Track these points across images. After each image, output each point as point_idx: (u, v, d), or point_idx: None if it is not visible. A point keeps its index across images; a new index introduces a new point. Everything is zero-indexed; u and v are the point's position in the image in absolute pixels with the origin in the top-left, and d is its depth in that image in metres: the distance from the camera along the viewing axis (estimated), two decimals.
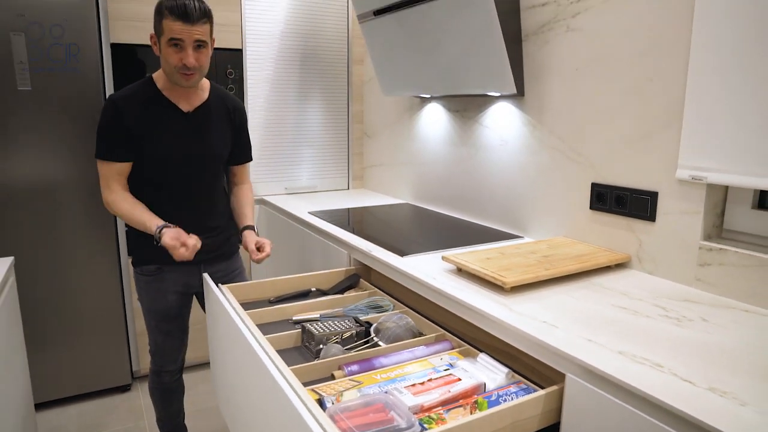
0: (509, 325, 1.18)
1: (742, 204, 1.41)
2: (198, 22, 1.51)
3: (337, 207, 2.56)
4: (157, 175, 1.65)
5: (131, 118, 1.58)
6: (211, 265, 1.81)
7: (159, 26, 1.53)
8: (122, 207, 1.61)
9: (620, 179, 1.60)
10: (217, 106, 1.74)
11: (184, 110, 1.66)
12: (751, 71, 1.24)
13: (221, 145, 1.75)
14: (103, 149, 1.60)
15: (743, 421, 0.81)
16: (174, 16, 1.48)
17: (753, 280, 1.30)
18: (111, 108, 1.58)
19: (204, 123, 1.70)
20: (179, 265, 1.73)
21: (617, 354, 1.03)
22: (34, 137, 2.24)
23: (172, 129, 1.64)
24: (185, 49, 1.52)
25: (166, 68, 1.57)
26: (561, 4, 1.72)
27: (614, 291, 1.39)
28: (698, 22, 1.33)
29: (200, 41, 1.54)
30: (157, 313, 1.79)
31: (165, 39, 1.52)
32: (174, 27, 1.49)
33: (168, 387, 1.94)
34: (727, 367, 0.99)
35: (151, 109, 1.62)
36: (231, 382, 1.47)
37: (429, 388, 1.13)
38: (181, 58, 1.53)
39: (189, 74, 1.56)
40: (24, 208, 2.27)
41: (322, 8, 2.83)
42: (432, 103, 2.45)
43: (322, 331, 1.40)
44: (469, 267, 1.47)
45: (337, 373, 1.23)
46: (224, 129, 1.75)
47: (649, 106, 1.49)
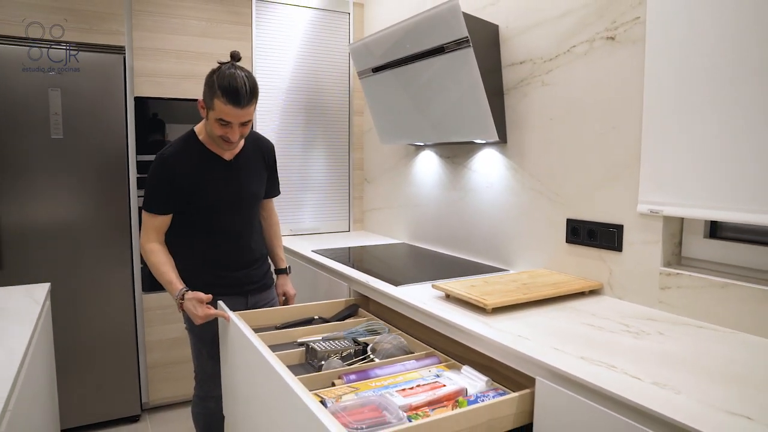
0: (488, 339, 1.35)
1: (696, 234, 1.60)
2: (247, 105, 1.63)
3: (338, 246, 2.74)
4: (204, 219, 1.81)
5: (181, 174, 1.73)
6: (254, 295, 1.97)
7: (210, 101, 1.64)
8: (153, 259, 1.76)
9: (591, 215, 1.79)
10: (253, 150, 1.91)
11: (227, 159, 1.83)
12: (696, 119, 1.45)
13: (259, 185, 1.93)
14: (150, 203, 1.76)
15: (674, 405, 0.97)
16: (226, 99, 1.59)
17: (706, 300, 1.47)
18: (162, 166, 1.74)
19: (244, 168, 1.87)
20: (230, 296, 1.87)
21: (579, 359, 1.20)
22: (64, 180, 2.45)
23: (217, 177, 1.80)
24: (232, 127, 1.66)
25: (212, 135, 1.73)
26: (536, 63, 1.96)
27: (585, 312, 1.56)
28: (648, 79, 1.56)
29: (246, 121, 1.69)
30: (209, 340, 1.91)
31: (214, 115, 1.64)
32: (225, 109, 1.61)
33: (212, 413, 2.02)
34: (671, 368, 1.15)
35: (198, 162, 1.77)
36: (243, 392, 1.61)
37: (417, 392, 1.28)
38: (226, 132, 1.67)
39: (230, 144, 1.74)
40: (47, 244, 2.45)
41: (325, 65, 3.10)
42: (425, 150, 2.68)
43: (323, 348, 1.56)
44: (456, 292, 1.64)
45: (337, 381, 1.39)
46: (260, 170, 1.94)
47: (613, 150, 1.70)
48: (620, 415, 1.03)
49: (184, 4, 2.68)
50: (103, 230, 2.56)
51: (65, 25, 2.40)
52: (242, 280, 1.92)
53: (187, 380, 2.85)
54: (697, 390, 1.03)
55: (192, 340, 1.96)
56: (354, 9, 3.15)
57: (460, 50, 1.91)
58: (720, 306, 1.43)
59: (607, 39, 1.69)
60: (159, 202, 1.76)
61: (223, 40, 2.78)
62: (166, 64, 2.66)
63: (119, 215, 2.60)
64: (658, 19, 1.52)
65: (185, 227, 1.82)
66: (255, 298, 1.98)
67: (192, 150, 1.79)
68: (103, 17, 2.48)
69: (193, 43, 2.71)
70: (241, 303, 1.94)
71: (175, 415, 2.82)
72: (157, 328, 2.76)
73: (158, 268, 1.76)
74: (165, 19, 2.64)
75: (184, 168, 1.75)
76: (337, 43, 3.13)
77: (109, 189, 2.56)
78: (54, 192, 2.44)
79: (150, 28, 2.61)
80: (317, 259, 2.40)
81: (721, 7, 1.37)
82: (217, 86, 1.60)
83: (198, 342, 1.94)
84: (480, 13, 2.15)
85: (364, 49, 2.44)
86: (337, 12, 3.11)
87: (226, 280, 1.88)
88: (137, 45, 2.59)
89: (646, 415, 0.98)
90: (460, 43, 1.90)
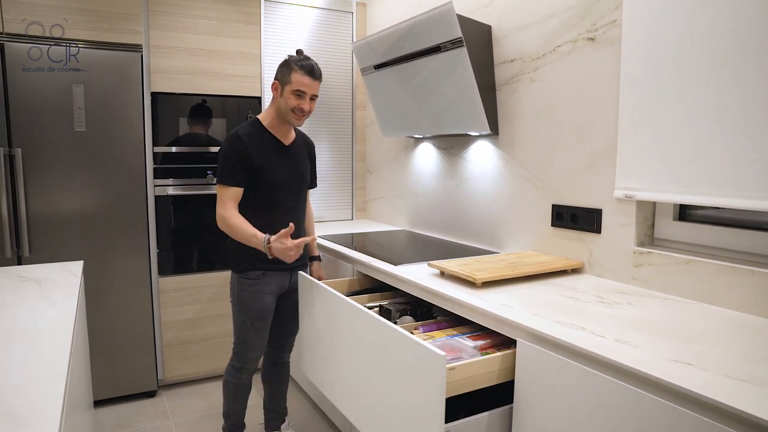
0: (477, 307, 1.53)
1: (666, 216, 1.77)
2: (318, 80, 2.00)
3: (342, 232, 2.92)
4: (266, 195, 2.03)
5: (253, 151, 1.99)
6: (296, 271, 2.20)
7: (287, 77, 1.97)
8: (235, 221, 1.94)
9: (574, 200, 1.96)
10: (302, 143, 2.20)
11: (285, 144, 2.10)
12: (666, 113, 1.62)
13: (307, 171, 2.20)
14: (226, 176, 1.98)
15: (629, 356, 1.14)
16: (303, 72, 1.96)
17: (672, 275, 1.64)
18: (237, 142, 1.98)
19: (298, 154, 2.15)
20: (278, 270, 2.10)
21: (554, 322, 1.37)
22: (86, 170, 2.63)
23: (280, 159, 2.07)
24: (305, 98, 1.98)
25: (284, 108, 2.00)
26: (525, 61, 2.12)
27: (565, 287, 1.73)
28: (623, 76, 1.72)
29: (315, 95, 2.01)
30: (256, 312, 2.10)
31: (291, 88, 1.97)
32: (303, 80, 1.96)
33: (243, 384, 2.22)
34: (633, 330, 1.32)
35: (264, 143, 2.04)
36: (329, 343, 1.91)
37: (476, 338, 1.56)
38: (299, 104, 1.98)
39: (301, 116, 2.01)
40: (71, 231, 2.63)
41: (329, 62, 3.27)
42: (424, 142, 2.85)
43: (396, 308, 1.87)
44: (449, 269, 1.82)
45: (415, 332, 1.65)
46: (307, 159, 2.21)
47: (593, 142, 1.87)
48: (587, 367, 1.20)
49: (197, 5, 2.85)
50: (122, 217, 2.74)
51: (87, 26, 2.57)
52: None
53: (201, 359, 3.04)
54: (651, 345, 1.21)
55: (237, 312, 2.13)
56: (357, 8, 3.31)
57: (455, 49, 2.08)
58: (683, 280, 1.60)
59: (588, 40, 1.85)
60: (234, 174, 1.98)
61: (234, 39, 2.95)
62: (180, 61, 2.83)
63: (137, 203, 2.77)
64: (633, 22, 1.69)
65: (248, 205, 2.02)
66: (296, 276, 2.19)
67: (259, 132, 2.05)
68: (122, 18, 2.65)
69: (206, 41, 2.88)
70: (286, 278, 2.16)
71: (189, 391, 3.01)
72: (172, 309, 2.94)
73: (240, 227, 1.93)
74: (179, 18, 2.81)
75: (253, 146, 2.00)
76: (341, 41, 3.30)
77: (128, 178, 2.73)
78: (77, 181, 2.62)
79: (165, 28, 2.78)
80: (324, 244, 2.57)
81: (688, 13, 1.53)
82: (295, 64, 1.97)
83: (243, 314, 2.11)
84: (474, 14, 2.32)
85: (366, 48, 2.60)
86: (341, 11, 3.27)
87: None
88: (153, 43, 2.76)
89: (606, 364, 1.16)
90: (455, 43, 2.07)
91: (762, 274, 1.42)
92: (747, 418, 0.90)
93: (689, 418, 0.99)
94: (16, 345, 1.18)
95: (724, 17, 1.44)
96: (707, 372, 1.06)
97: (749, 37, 1.39)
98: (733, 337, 1.27)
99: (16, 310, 1.42)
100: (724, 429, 0.94)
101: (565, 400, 1.26)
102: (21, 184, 2.49)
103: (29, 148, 2.50)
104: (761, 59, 1.37)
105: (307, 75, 1.96)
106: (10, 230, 2.50)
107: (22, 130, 2.48)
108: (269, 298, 2.11)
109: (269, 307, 2.12)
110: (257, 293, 2.08)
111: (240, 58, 2.99)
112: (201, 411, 2.78)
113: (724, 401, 0.94)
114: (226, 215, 1.97)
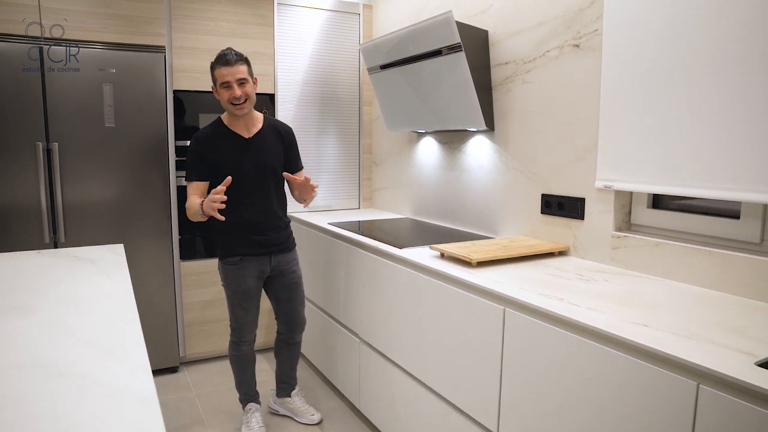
0: (471, 283, 1.76)
1: (641, 204, 1.99)
2: (236, 64, 2.14)
3: (350, 220, 3.14)
4: (232, 188, 2.11)
5: (209, 148, 2.21)
6: (277, 255, 2.40)
7: (213, 76, 2.18)
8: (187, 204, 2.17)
9: (561, 190, 2.18)
10: (270, 132, 2.36)
11: (245, 137, 2.28)
12: (641, 112, 1.83)
13: (274, 160, 2.34)
14: (190, 173, 2.23)
15: (598, 320, 1.37)
16: (219, 65, 2.14)
17: (645, 256, 1.86)
18: (194, 142, 2.23)
19: (260, 145, 2.31)
20: (255, 255, 2.31)
21: (537, 294, 1.60)
22: (115, 162, 2.86)
23: (238, 152, 2.26)
24: (232, 87, 2.15)
25: (224, 105, 2.20)
26: (518, 63, 2.34)
27: (551, 267, 1.96)
28: (604, 79, 1.94)
29: (241, 79, 2.17)
30: (240, 293, 2.34)
31: (218, 84, 2.16)
32: (222, 71, 2.14)
33: (245, 355, 2.47)
34: (604, 300, 1.55)
35: (222, 139, 2.25)
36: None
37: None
38: (230, 93, 2.15)
39: (240, 104, 2.18)
40: (101, 219, 2.87)
41: (338, 62, 3.48)
42: (426, 137, 3.06)
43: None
44: (448, 251, 2.04)
45: None
46: (276, 148, 2.36)
47: (577, 137, 2.08)
48: (562, 330, 1.43)
49: (216, 8, 3.06)
50: (147, 205, 2.97)
51: (116, 29, 2.79)
52: (267, 241, 2.34)
53: (219, 337, 3.29)
54: (616, 312, 1.44)
55: (227, 293, 2.38)
56: (363, 10, 3.52)
57: (454, 54, 2.29)
58: (653, 260, 1.83)
59: (573, 46, 2.07)
60: (196, 170, 2.21)
61: (249, 40, 3.16)
62: (200, 61, 3.05)
63: (161, 192, 3.00)
64: (612, 31, 1.90)
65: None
66: (277, 259, 2.39)
67: (219, 130, 2.26)
68: (148, 22, 2.87)
69: (224, 42, 3.08)
70: (266, 262, 2.36)
71: (209, 367, 3.25)
72: (193, 291, 3.18)
73: (190, 207, 2.15)
74: (200, 21, 3.03)
75: (213, 143, 2.21)
76: (348, 40, 3.51)
77: (152, 170, 2.96)
78: (107, 173, 2.85)
79: (187, 30, 3.00)
80: (333, 230, 2.80)
81: (661, 24, 1.74)
82: (212, 62, 2.18)
83: (232, 294, 2.36)
84: (472, 20, 2.53)
85: (373, 49, 2.82)
86: (348, 13, 3.48)
87: (253, 240, 2.31)
88: (176, 45, 2.98)
89: (578, 327, 1.38)
90: (454, 48, 2.28)
91: (717, 254, 1.64)
92: (689, 366, 1.13)
93: (644, 368, 1.22)
94: (93, 306, 1.46)
95: (693, 28, 1.65)
96: (659, 331, 1.29)
97: (714, 45, 1.60)
98: (687, 306, 1.50)
99: (82, 282, 1.70)
100: (671, 376, 1.17)
101: (544, 357, 1.49)
102: (57, 176, 2.72)
103: (64, 143, 2.73)
104: (725, 67, 1.58)
105: (222, 66, 2.13)
106: (48, 218, 2.73)
107: (59, 126, 2.71)
108: (250, 281, 2.34)
109: (252, 288, 2.35)
110: (239, 277, 2.32)
111: (255, 58, 3.19)
112: (220, 384, 3.02)
113: (669, 352, 1.16)
114: (187, 205, 2.18)
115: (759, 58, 1.48)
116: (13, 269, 1.82)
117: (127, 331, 1.24)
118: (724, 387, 1.07)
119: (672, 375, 1.16)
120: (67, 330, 1.26)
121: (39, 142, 2.67)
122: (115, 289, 1.58)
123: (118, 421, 0.86)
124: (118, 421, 0.86)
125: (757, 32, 1.48)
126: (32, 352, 1.13)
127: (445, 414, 1.94)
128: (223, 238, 2.31)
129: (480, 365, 1.75)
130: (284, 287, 2.45)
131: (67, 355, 1.12)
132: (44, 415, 0.87)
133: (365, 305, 2.48)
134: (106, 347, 1.17)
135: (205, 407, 2.79)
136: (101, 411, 0.89)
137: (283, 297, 2.47)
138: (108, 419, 0.86)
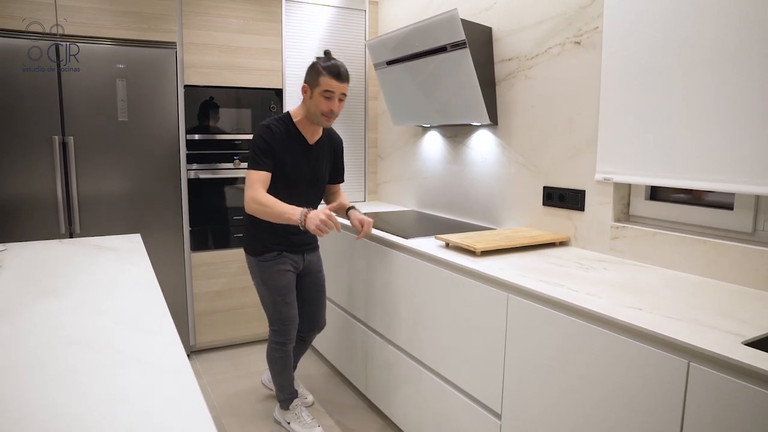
0: (475, 270, 1.84)
1: (639, 196, 2.06)
2: (345, 81, 2.14)
3: None
4: (285, 187, 2.20)
5: (280, 142, 2.18)
6: (308, 253, 2.46)
7: (315, 80, 2.12)
8: (265, 200, 2.07)
9: (562, 182, 2.26)
10: (327, 142, 2.37)
11: (310, 143, 2.30)
12: (640, 107, 1.91)
13: (324, 172, 2.38)
14: (257, 160, 2.13)
15: (594, 303, 1.45)
16: (331, 75, 2.09)
17: (642, 246, 1.94)
18: (267, 132, 2.16)
19: (318, 153, 2.33)
20: (293, 252, 2.35)
21: (539, 281, 1.68)
22: (128, 156, 2.94)
23: (302, 156, 2.27)
24: (333, 100, 2.13)
25: (314, 111, 2.16)
26: (521, 60, 2.41)
27: (552, 256, 2.04)
28: (603, 76, 2.01)
29: (343, 95, 2.17)
30: (281, 288, 2.34)
31: (320, 90, 2.11)
32: (330, 83, 2.10)
33: (289, 355, 2.46)
34: (601, 286, 1.63)
35: (292, 139, 2.23)
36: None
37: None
38: (329, 106, 2.14)
39: (330, 118, 2.19)
40: (114, 211, 2.95)
41: (344, 57, 3.55)
42: (431, 131, 3.14)
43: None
44: (453, 241, 2.12)
45: None
46: (329, 158, 2.40)
47: (578, 131, 2.16)
48: (560, 313, 1.51)
49: (226, 5, 3.13)
50: (159, 198, 3.05)
51: (129, 26, 2.87)
52: (301, 241, 2.39)
53: (228, 326, 3.38)
54: (613, 296, 1.52)
55: (266, 291, 2.36)
56: (369, 7, 3.58)
57: (458, 50, 2.37)
58: (650, 249, 1.91)
59: (574, 43, 2.14)
60: (266, 161, 2.13)
61: (258, 36, 3.24)
62: (210, 57, 3.12)
63: (172, 185, 3.09)
64: (611, 29, 1.97)
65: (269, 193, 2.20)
66: (309, 256, 2.48)
67: (288, 126, 2.23)
68: (159, 18, 2.94)
69: (233, 38, 3.17)
70: (300, 258, 2.43)
71: (218, 356, 3.34)
72: (203, 281, 3.27)
73: (273, 206, 2.06)
74: (210, 18, 3.10)
75: (281, 137, 2.19)
76: (354, 36, 3.58)
77: (164, 163, 3.04)
78: (120, 166, 2.93)
79: (197, 26, 3.07)
80: (342, 221, 2.88)
81: (659, 22, 1.82)
82: (322, 68, 2.11)
83: (272, 293, 2.34)
84: (477, 17, 2.60)
85: (380, 45, 2.89)
86: (355, 10, 3.55)
87: (292, 239, 2.35)
88: (187, 41, 3.05)
89: (576, 310, 1.47)
90: (458, 45, 2.35)
91: (712, 243, 1.72)
92: (680, 345, 1.21)
93: (639, 348, 1.30)
94: (121, 288, 1.56)
95: (690, 26, 1.73)
96: (651, 314, 1.37)
97: (710, 44, 1.68)
98: (679, 292, 1.58)
99: (107, 268, 1.79)
100: (664, 354, 1.25)
101: (544, 340, 1.57)
102: (73, 169, 2.81)
103: (80, 137, 2.81)
104: (720, 64, 1.65)
105: (334, 78, 2.10)
106: (64, 209, 2.82)
107: (74, 121, 2.79)
108: (289, 274, 2.37)
109: (292, 280, 2.39)
110: (278, 272, 2.32)
111: (263, 54, 3.28)
112: (230, 372, 3.12)
113: (662, 332, 1.25)
114: (256, 196, 2.09)
115: (754, 55, 1.56)
116: (39, 257, 1.91)
117: (155, 311, 1.32)
118: (713, 364, 1.15)
119: (664, 354, 1.24)
120: (98, 311, 1.35)
121: (55, 136, 2.75)
122: (140, 273, 1.67)
123: (159, 392, 0.94)
124: (159, 391, 0.94)
125: (754, 30, 1.55)
126: (69, 332, 1.21)
127: (450, 396, 2.03)
128: (261, 235, 2.30)
129: (485, 349, 1.83)
130: (313, 287, 2.52)
131: (103, 332, 1.21)
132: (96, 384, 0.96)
133: (371, 293, 2.56)
134: (138, 325, 1.26)
135: (216, 394, 2.88)
136: (143, 381, 0.97)
137: (311, 297, 2.53)
138: (151, 389, 0.95)
